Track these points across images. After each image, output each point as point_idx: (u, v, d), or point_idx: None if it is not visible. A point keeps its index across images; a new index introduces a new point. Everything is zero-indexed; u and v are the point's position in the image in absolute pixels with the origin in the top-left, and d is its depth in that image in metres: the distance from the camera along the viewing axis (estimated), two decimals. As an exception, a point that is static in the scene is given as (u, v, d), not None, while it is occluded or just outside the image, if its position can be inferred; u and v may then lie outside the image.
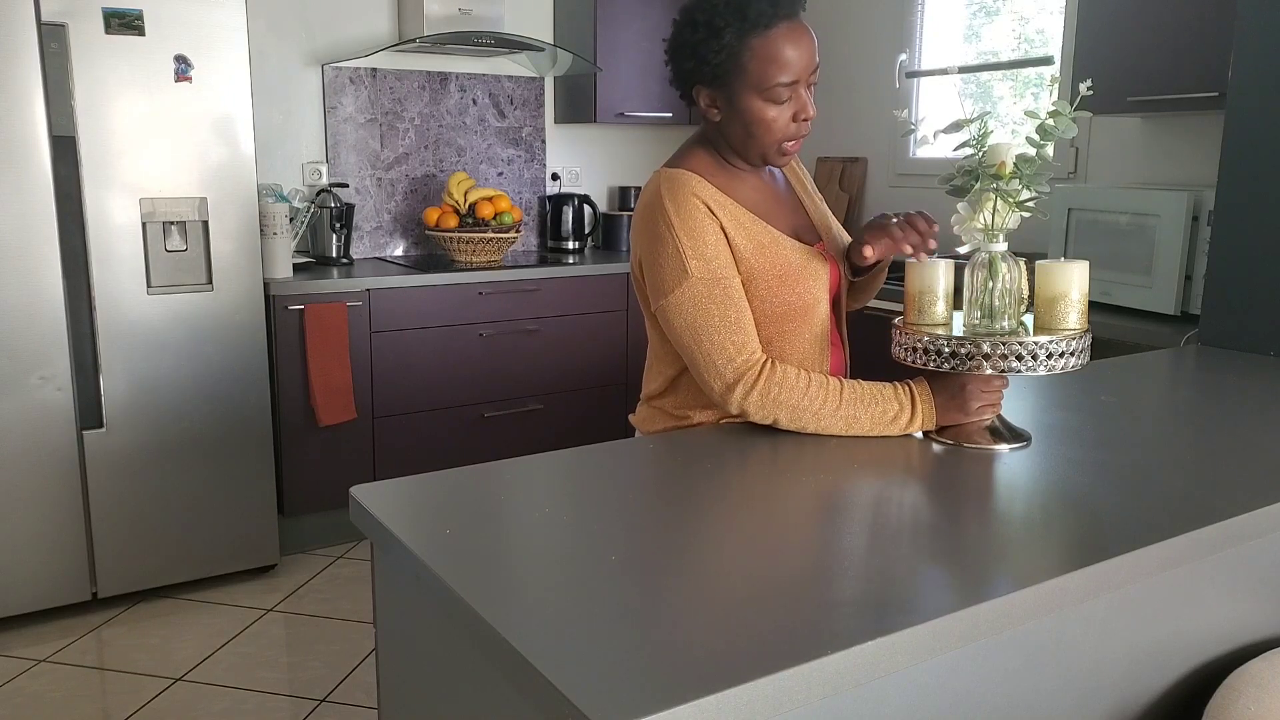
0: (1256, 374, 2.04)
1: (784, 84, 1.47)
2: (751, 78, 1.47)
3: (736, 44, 1.46)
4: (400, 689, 1.27)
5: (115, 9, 2.81)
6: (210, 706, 2.55)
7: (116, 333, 2.95)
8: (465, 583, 1.02)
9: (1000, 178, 1.41)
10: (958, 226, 1.50)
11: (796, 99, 1.51)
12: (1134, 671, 1.28)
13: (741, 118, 1.51)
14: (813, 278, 1.58)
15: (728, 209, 1.54)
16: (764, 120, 1.50)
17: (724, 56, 1.47)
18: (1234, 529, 1.23)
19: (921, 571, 1.06)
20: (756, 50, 1.46)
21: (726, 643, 0.90)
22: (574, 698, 0.81)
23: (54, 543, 2.94)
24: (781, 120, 1.51)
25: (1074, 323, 1.45)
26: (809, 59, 1.50)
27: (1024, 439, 1.51)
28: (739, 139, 1.54)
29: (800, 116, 1.52)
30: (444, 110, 4.10)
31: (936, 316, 1.50)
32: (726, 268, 1.51)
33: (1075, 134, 1.43)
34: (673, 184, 1.52)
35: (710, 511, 1.28)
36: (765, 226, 1.56)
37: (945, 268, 1.51)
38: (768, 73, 1.46)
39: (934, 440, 1.51)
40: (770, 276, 1.54)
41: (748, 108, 1.50)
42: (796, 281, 1.56)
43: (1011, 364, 1.41)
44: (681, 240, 1.50)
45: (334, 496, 3.47)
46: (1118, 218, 2.85)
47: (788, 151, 1.55)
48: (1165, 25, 2.77)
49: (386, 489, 1.32)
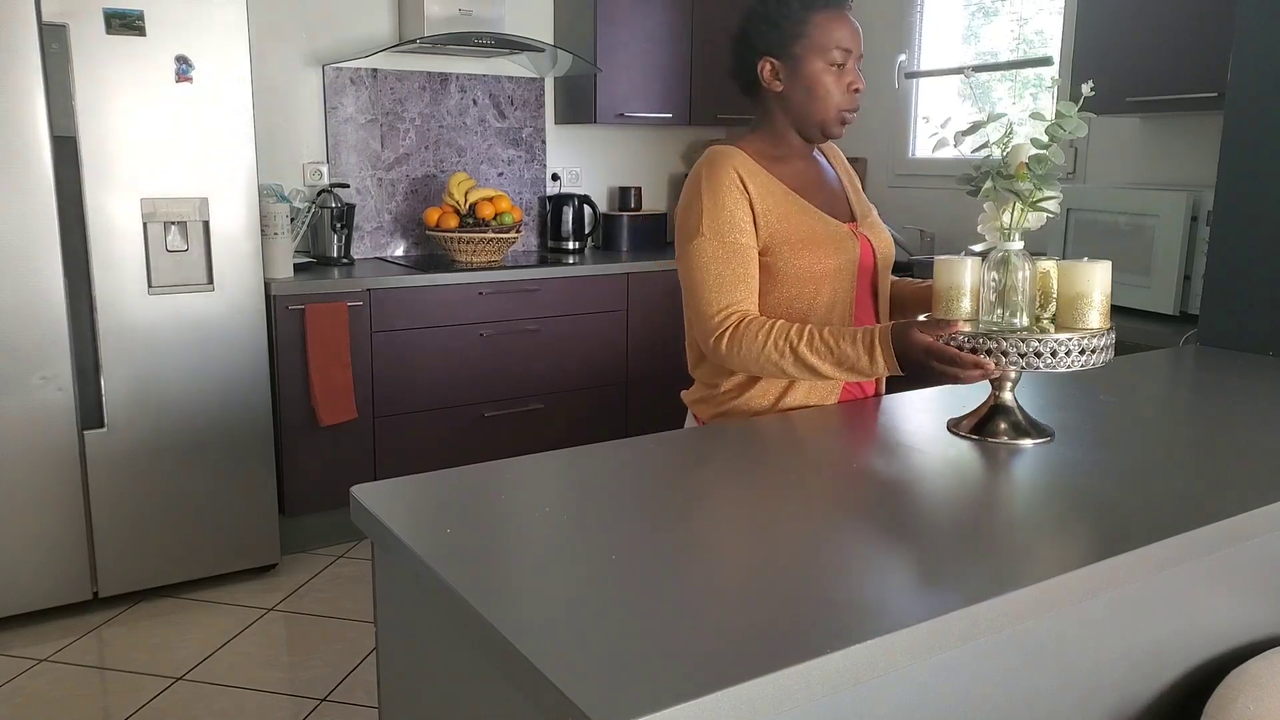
0: (1256, 374, 2.04)
1: (843, 49, 1.68)
2: (816, 43, 1.68)
3: (803, 14, 1.68)
4: (401, 688, 1.27)
5: (116, 9, 2.81)
6: (210, 706, 2.55)
7: (117, 333, 2.95)
8: (465, 582, 1.02)
9: (1015, 178, 1.44)
10: (982, 225, 1.54)
11: (849, 71, 1.71)
12: (1134, 671, 1.28)
13: (804, 82, 1.70)
14: (837, 247, 1.72)
15: (761, 180, 1.70)
16: (824, 84, 1.69)
17: (793, 22, 1.68)
18: (1234, 529, 1.23)
19: (921, 571, 1.06)
20: (820, 21, 1.68)
21: (726, 643, 0.90)
22: (574, 698, 0.81)
23: (55, 542, 2.95)
24: (839, 87, 1.70)
25: (1095, 322, 1.48)
26: (859, 40, 1.72)
27: (1047, 434, 1.54)
28: (800, 107, 1.72)
29: (853, 87, 1.71)
30: (444, 111, 4.10)
31: (963, 312, 1.55)
32: (739, 234, 1.66)
33: (1085, 133, 1.45)
34: (716, 155, 1.71)
35: (710, 511, 1.28)
36: (798, 199, 1.73)
37: (972, 265, 1.54)
38: (831, 38, 1.68)
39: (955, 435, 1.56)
40: (795, 241, 1.69)
41: (811, 72, 1.69)
42: (819, 247, 1.70)
43: (1030, 361, 1.44)
44: (705, 202, 1.68)
45: (334, 496, 3.47)
46: (1117, 218, 2.85)
47: (845, 121, 1.73)
48: (1165, 25, 2.77)
49: (387, 489, 1.33)
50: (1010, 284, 1.49)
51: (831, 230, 1.74)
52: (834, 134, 1.75)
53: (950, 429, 1.58)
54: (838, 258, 1.73)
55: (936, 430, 1.59)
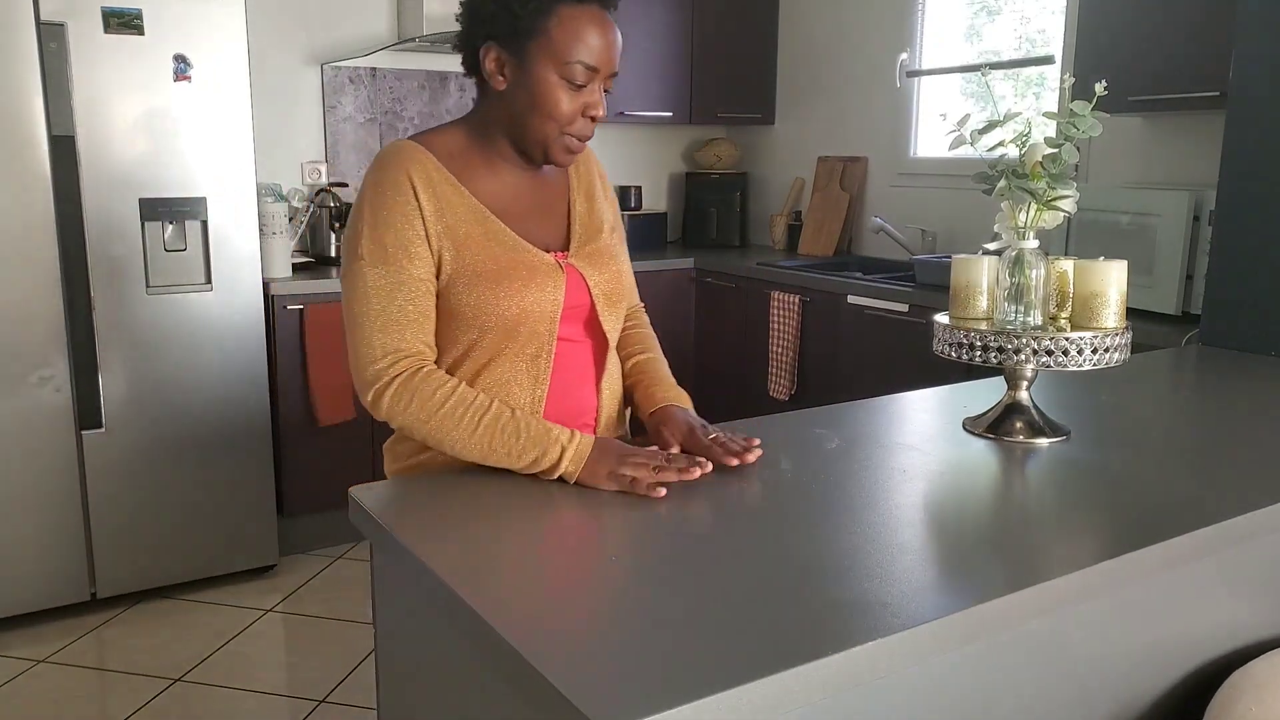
0: (1256, 374, 2.04)
1: (584, 65, 1.34)
2: (554, 45, 1.33)
3: (544, 4, 1.33)
4: (400, 689, 1.26)
5: (114, 8, 2.81)
6: (210, 706, 2.54)
7: (115, 333, 2.95)
8: (465, 583, 1.02)
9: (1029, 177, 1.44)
10: (998, 224, 1.55)
11: (591, 91, 1.37)
12: (1134, 671, 1.27)
13: (530, 89, 1.36)
14: (530, 282, 1.39)
15: (444, 193, 1.37)
16: (553, 98, 1.35)
17: (531, 9, 1.33)
18: (1234, 529, 1.22)
19: (923, 571, 1.06)
20: (565, 19, 1.33)
21: (726, 643, 0.90)
22: (574, 698, 0.80)
23: (53, 543, 2.94)
24: (571, 107, 1.36)
25: (1111, 321, 1.48)
26: (612, 56, 1.37)
27: (1063, 433, 1.54)
28: (520, 115, 1.38)
29: (590, 112, 1.38)
30: (443, 110, 4.10)
31: (979, 310, 1.55)
32: (407, 260, 1.34)
33: (1099, 132, 1.45)
34: (391, 155, 1.38)
35: (710, 511, 1.27)
36: (490, 219, 1.40)
37: (989, 263, 1.55)
38: (572, 47, 1.33)
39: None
40: (473, 273, 1.37)
41: (541, 78, 1.35)
42: (505, 282, 1.37)
43: (1043, 359, 1.45)
44: (365, 217, 1.36)
45: (334, 496, 3.45)
46: (1118, 217, 2.84)
47: (571, 149, 1.40)
48: (1165, 25, 2.77)
49: (386, 489, 1.32)
50: (1025, 282, 1.49)
51: (525, 260, 1.39)
52: (560, 161, 1.41)
53: (966, 428, 1.58)
54: (530, 298, 1.38)
55: (952, 429, 1.59)
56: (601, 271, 1.48)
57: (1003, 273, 1.52)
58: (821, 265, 3.97)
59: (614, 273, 1.50)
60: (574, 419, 1.46)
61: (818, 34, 4.37)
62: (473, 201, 1.39)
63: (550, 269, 1.42)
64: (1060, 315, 1.53)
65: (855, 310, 3.39)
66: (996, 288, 1.54)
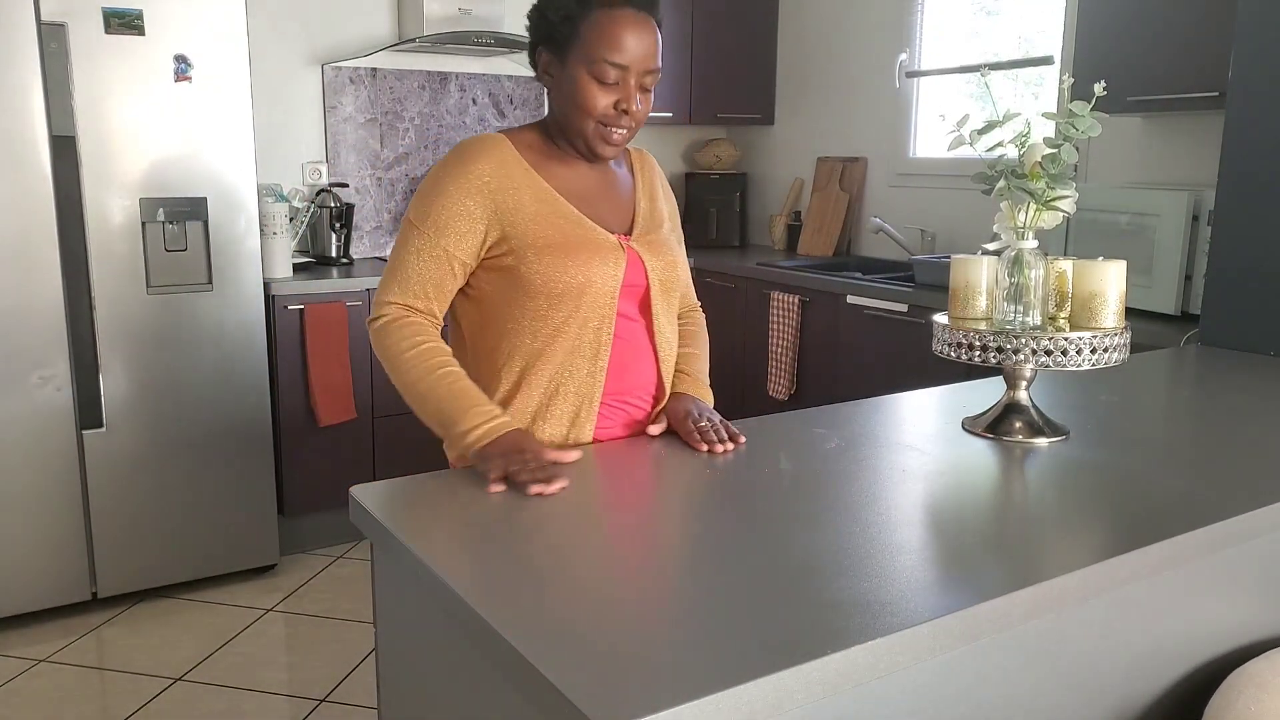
0: (1256, 374, 2.04)
1: (612, 64, 1.45)
2: (586, 46, 1.46)
3: (577, 10, 1.46)
4: (400, 689, 1.27)
5: (115, 8, 2.81)
6: (210, 706, 2.55)
7: (116, 332, 2.95)
8: (465, 583, 1.02)
9: (1028, 177, 1.45)
10: (998, 224, 1.55)
11: (624, 88, 1.48)
12: (1134, 671, 1.27)
13: (567, 86, 1.49)
14: (594, 257, 1.51)
15: (517, 176, 1.51)
16: (584, 94, 1.47)
17: (563, 17, 1.47)
18: (1234, 529, 1.22)
19: (922, 571, 1.06)
20: (595, 21, 1.45)
21: (726, 643, 0.90)
22: (574, 698, 0.80)
23: (54, 543, 2.94)
24: (603, 103, 1.47)
25: (1110, 321, 1.49)
26: (647, 54, 1.48)
27: (1062, 433, 1.55)
28: (561, 112, 1.52)
29: (621, 106, 1.48)
30: (444, 110, 4.10)
31: (979, 310, 1.55)
32: (447, 240, 1.49)
33: (1098, 133, 1.45)
34: (473, 139, 1.53)
35: (709, 510, 1.28)
36: (560, 202, 1.52)
37: (988, 263, 1.55)
38: (599, 48, 1.45)
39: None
40: (543, 244, 1.49)
41: (575, 76, 1.47)
42: (571, 255, 1.50)
43: (1041, 359, 1.45)
44: (429, 186, 1.51)
45: (334, 496, 3.47)
46: (1118, 217, 2.85)
47: (611, 141, 1.51)
48: (1165, 25, 2.77)
49: (386, 489, 1.32)
50: (1024, 282, 1.49)
51: (590, 237, 1.52)
52: (599, 152, 1.53)
53: (965, 428, 1.58)
54: (594, 270, 1.51)
55: (952, 429, 1.59)
56: (660, 258, 1.60)
57: (1002, 273, 1.52)
58: (821, 265, 3.97)
59: (670, 261, 1.62)
60: (632, 392, 1.60)
61: (817, 34, 4.37)
62: (543, 185, 1.53)
63: (613, 247, 1.54)
64: (1059, 315, 1.54)
65: (855, 310, 3.39)
66: (996, 288, 1.54)
